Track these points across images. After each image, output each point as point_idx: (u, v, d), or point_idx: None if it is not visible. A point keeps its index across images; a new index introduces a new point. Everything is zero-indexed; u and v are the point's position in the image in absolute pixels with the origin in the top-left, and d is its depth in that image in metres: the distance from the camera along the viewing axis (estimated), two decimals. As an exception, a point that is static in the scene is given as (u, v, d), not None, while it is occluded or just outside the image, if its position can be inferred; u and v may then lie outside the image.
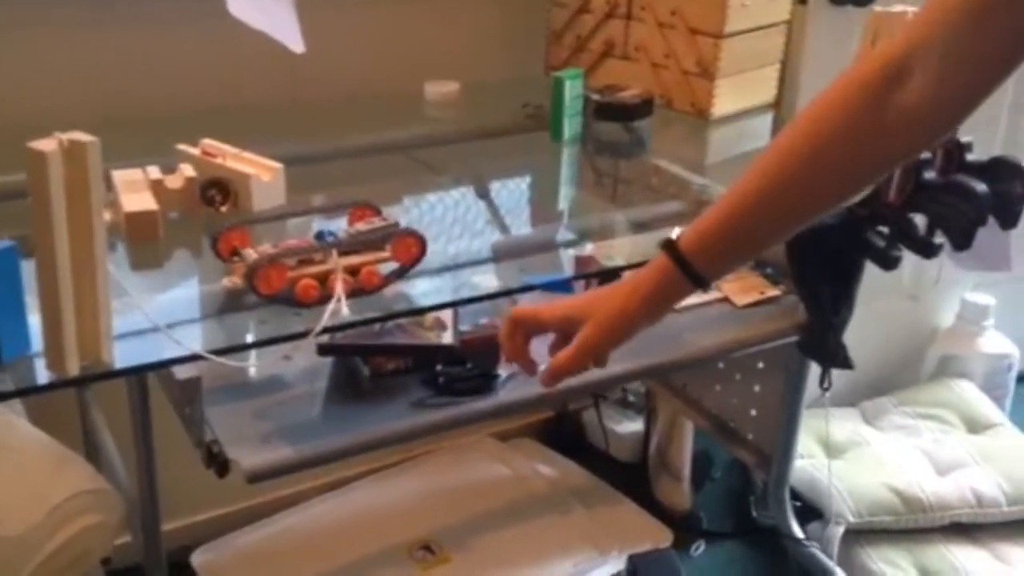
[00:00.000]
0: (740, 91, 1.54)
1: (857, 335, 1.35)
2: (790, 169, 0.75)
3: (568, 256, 1.17)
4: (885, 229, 1.18)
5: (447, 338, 1.04)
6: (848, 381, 2.07)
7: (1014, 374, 2.13)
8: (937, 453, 1.85)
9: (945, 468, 1.81)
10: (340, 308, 0.90)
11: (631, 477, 1.88)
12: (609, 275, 1.23)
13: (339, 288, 0.92)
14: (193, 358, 0.83)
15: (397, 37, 1.63)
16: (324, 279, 0.94)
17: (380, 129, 1.50)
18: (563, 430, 2.02)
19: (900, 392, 2.09)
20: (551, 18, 1.68)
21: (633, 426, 1.96)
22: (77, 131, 0.75)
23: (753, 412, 1.58)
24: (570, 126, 1.43)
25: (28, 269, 0.78)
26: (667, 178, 1.41)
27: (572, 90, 1.41)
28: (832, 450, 1.91)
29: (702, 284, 0.80)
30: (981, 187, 1.05)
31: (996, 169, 1.09)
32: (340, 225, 1.01)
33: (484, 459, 1.87)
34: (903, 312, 2.13)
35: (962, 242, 1.07)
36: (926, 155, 1.10)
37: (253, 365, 0.92)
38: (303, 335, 0.88)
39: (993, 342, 2.11)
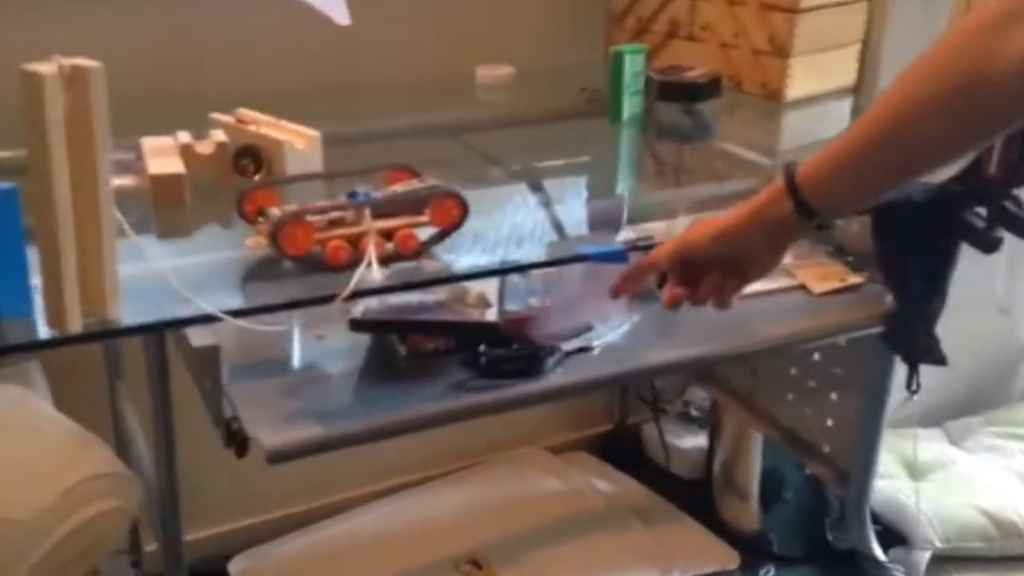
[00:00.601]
0: (816, 72, 1.43)
1: (943, 350, 1.21)
2: (905, 114, 0.71)
3: (624, 236, 1.07)
4: (983, 209, 1.06)
5: (491, 316, 0.94)
6: (932, 400, 1.92)
7: (1118, 394, 1.95)
8: (1033, 475, 1.68)
9: (1044, 491, 1.65)
10: (371, 272, 0.82)
11: (694, 495, 1.75)
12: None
13: (371, 249, 0.83)
14: (207, 319, 0.75)
15: (449, 21, 1.56)
16: (356, 241, 0.85)
17: (429, 111, 1.42)
18: (621, 444, 1.90)
19: (989, 412, 1.92)
20: (611, 1, 1.60)
21: (696, 441, 1.83)
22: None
23: (830, 423, 1.44)
24: (630, 106, 1.33)
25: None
26: (734, 163, 1.30)
27: (632, 66, 1.32)
28: (916, 471, 1.76)
29: (808, 214, 0.77)
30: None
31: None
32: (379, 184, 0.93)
33: (537, 472, 1.77)
34: (993, 326, 1.97)
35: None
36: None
37: (271, 328, 0.84)
38: (330, 299, 0.79)
39: (1092, 358, 1.93)
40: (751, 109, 1.43)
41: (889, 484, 1.69)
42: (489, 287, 0.99)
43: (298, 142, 1.05)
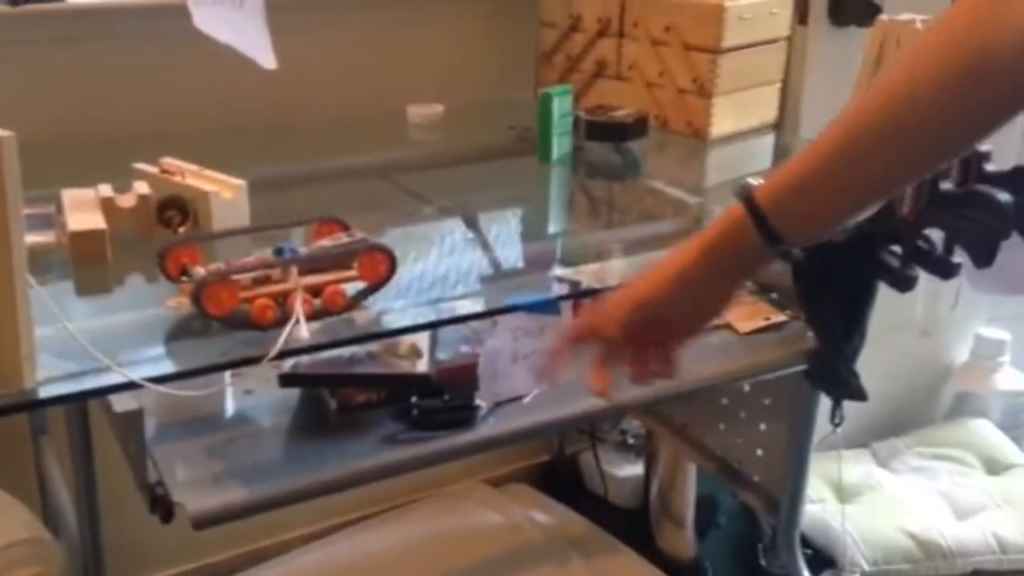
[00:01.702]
0: (739, 110, 1.46)
1: (867, 373, 1.25)
2: (899, 105, 0.61)
3: (556, 280, 1.08)
4: (899, 248, 1.09)
5: (423, 367, 0.94)
6: (859, 421, 1.97)
7: (1033, 412, 2.03)
8: (956, 496, 1.74)
9: (965, 512, 1.70)
10: (299, 330, 0.81)
11: (632, 524, 1.77)
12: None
13: (298, 307, 0.82)
14: (128, 386, 0.73)
15: (379, 59, 1.56)
16: (284, 299, 0.84)
17: (360, 152, 1.42)
18: (559, 474, 1.91)
19: (914, 432, 1.98)
20: (540, 38, 1.61)
21: (633, 470, 1.85)
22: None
23: (759, 452, 1.47)
24: (559, 146, 1.34)
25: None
26: (663, 200, 1.33)
27: (561, 107, 1.33)
28: (844, 494, 1.80)
29: (775, 241, 0.66)
30: (1004, 196, 0.96)
31: (1018, 179, 1.01)
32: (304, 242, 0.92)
33: (476, 507, 1.76)
34: (915, 348, 2.03)
35: (984, 258, 0.98)
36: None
37: (195, 393, 0.82)
38: (256, 360, 0.78)
39: (1009, 378, 2.01)
40: (677, 147, 1.46)
41: (818, 508, 1.73)
42: (421, 336, 0.99)
43: (224, 192, 1.04)
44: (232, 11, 1.23)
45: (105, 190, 1.02)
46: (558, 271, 1.08)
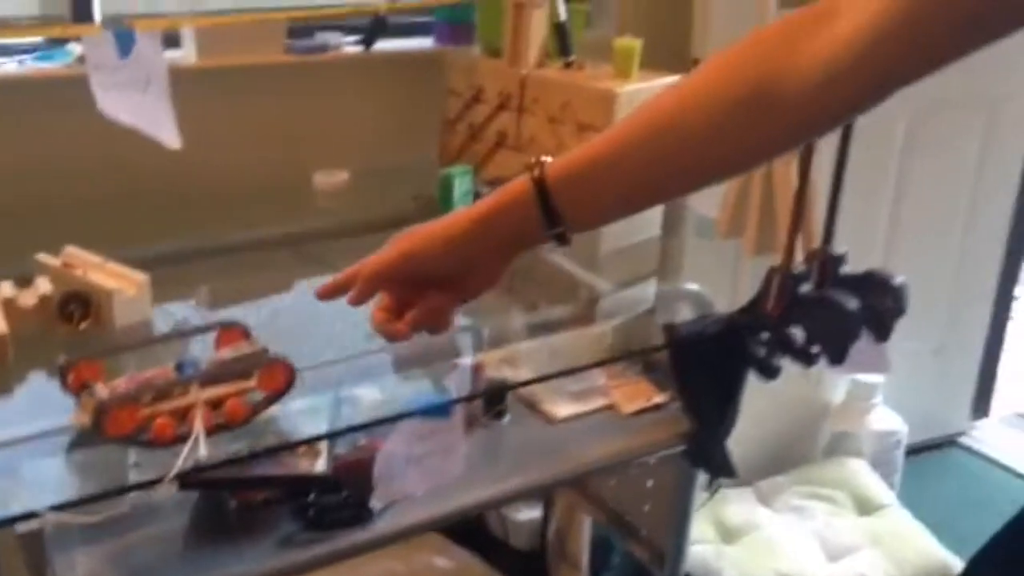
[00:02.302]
0: (630, 186, 1.55)
1: (753, 412, 1.34)
2: (687, 105, 0.64)
3: (455, 367, 1.14)
4: (765, 338, 1.19)
5: (320, 465, 0.99)
6: (745, 460, 2.09)
7: (902, 450, 2.18)
8: (829, 537, 1.86)
9: (836, 553, 1.83)
10: (198, 449, 0.85)
11: (531, 567, 1.84)
12: (496, 394, 1.21)
13: (198, 425, 0.86)
14: (27, 516, 0.76)
15: (285, 126, 1.60)
16: (184, 414, 0.88)
17: (266, 224, 1.45)
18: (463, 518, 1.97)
19: (795, 470, 2.11)
20: (445, 106, 1.67)
21: (531, 513, 1.93)
22: None
23: (647, 508, 1.56)
24: (459, 224, 1.40)
25: None
26: (558, 276, 1.40)
27: (461, 187, 1.39)
28: (727, 534, 1.91)
29: (554, 225, 0.67)
30: (853, 304, 1.07)
31: (868, 283, 1.11)
32: (208, 342, 0.96)
33: (380, 554, 1.81)
34: (796, 388, 2.16)
35: (837, 357, 1.08)
36: (801, 268, 1.12)
37: (96, 519, 0.85)
38: (156, 482, 0.82)
39: (882, 419, 2.16)
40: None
41: (703, 549, 1.84)
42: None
43: (127, 289, 1.07)
44: (137, 94, 1.26)
45: (6, 289, 1.03)
46: (460, 360, 1.14)
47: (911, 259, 2.19)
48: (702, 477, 1.47)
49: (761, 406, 1.43)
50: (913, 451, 2.29)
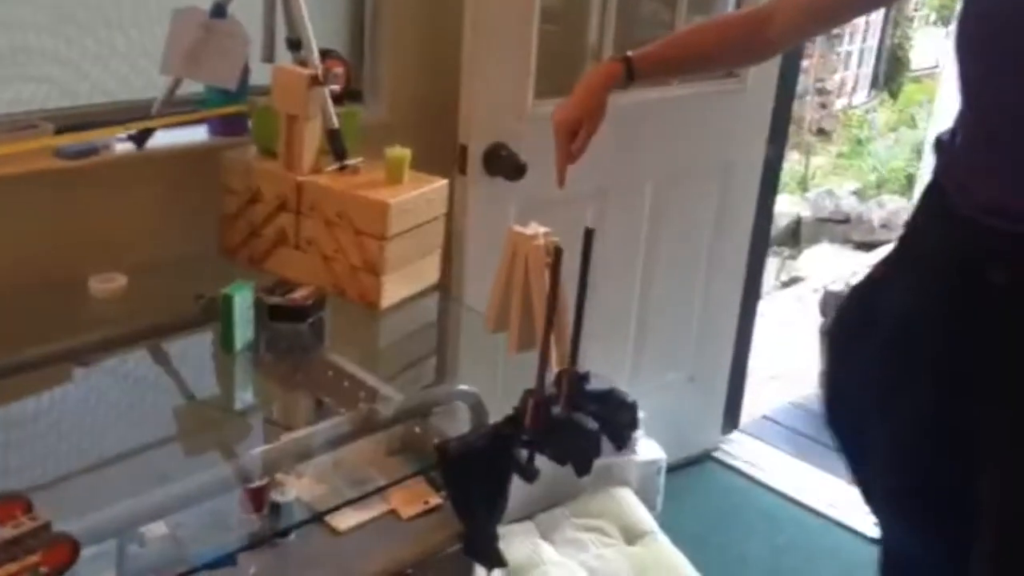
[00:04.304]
0: (406, 280, 1.66)
1: None
2: (706, 44, 1.46)
3: (239, 490, 1.22)
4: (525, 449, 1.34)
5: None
6: (527, 493, 2.27)
7: (663, 475, 2.45)
8: (601, 570, 2.09)
9: (606, 585, 2.06)
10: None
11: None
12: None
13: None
14: None
15: (57, 232, 1.58)
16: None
17: (42, 334, 1.43)
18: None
19: (571, 503, 2.32)
20: (223, 203, 1.71)
21: None
22: None
23: None
24: (242, 336, 1.47)
25: None
26: (342, 381, 1.49)
27: (242, 303, 1.45)
28: (513, 574, 2.09)
29: (633, 77, 1.42)
30: (592, 425, 1.24)
31: (608, 399, 1.29)
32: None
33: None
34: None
35: (582, 470, 1.26)
36: (553, 390, 1.28)
37: None
38: None
39: (645, 450, 2.41)
40: (354, 315, 1.63)
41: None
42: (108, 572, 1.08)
43: None
44: None
45: None
46: (240, 483, 1.22)
47: (663, 305, 2.46)
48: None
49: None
50: (675, 468, 2.58)
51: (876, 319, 1.31)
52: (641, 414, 2.36)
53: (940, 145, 1.24)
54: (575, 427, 1.24)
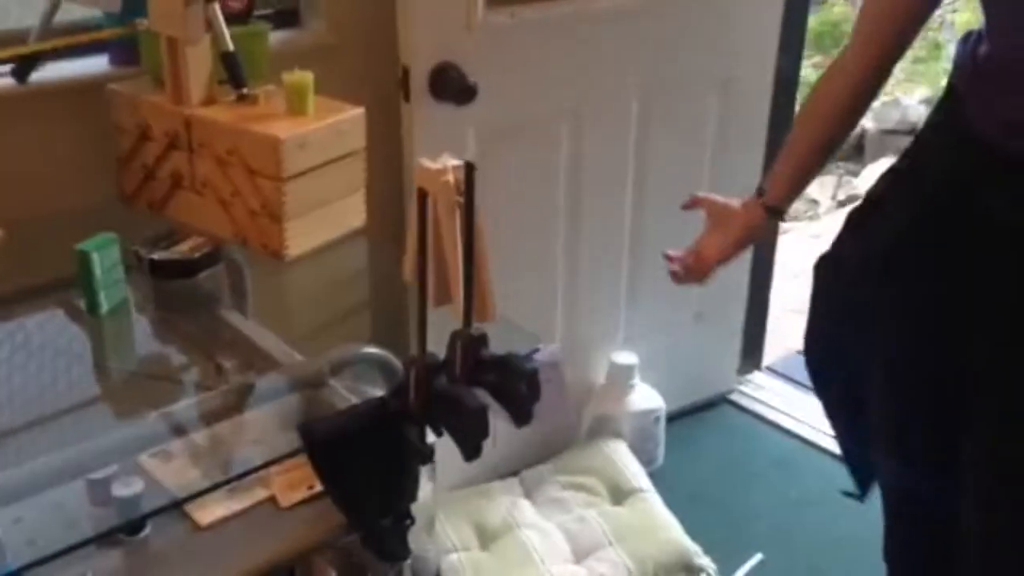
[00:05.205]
0: (319, 226, 1.45)
1: None
2: (821, 130, 1.30)
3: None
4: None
5: None
6: (511, 447, 2.08)
7: (662, 425, 2.23)
8: (578, 534, 1.89)
9: (583, 552, 1.86)
10: None
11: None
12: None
13: None
14: None
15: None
16: None
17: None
18: None
19: (558, 458, 2.12)
20: (116, 143, 1.52)
21: None
22: None
23: None
24: (110, 297, 1.28)
25: None
26: (233, 345, 1.30)
27: (105, 262, 1.27)
28: (486, 537, 1.92)
29: (781, 215, 1.39)
30: (474, 401, 1.02)
31: (505, 367, 1.07)
32: None
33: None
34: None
35: (472, 454, 1.04)
36: (439, 359, 1.06)
37: None
38: None
39: (641, 398, 2.19)
40: (258, 267, 1.44)
41: (455, 559, 1.84)
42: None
43: None
44: None
45: None
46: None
47: (658, 237, 2.19)
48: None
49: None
50: (680, 415, 2.35)
51: (867, 248, 1.24)
52: (633, 359, 2.16)
53: (964, 50, 1.14)
54: (456, 405, 1.03)
